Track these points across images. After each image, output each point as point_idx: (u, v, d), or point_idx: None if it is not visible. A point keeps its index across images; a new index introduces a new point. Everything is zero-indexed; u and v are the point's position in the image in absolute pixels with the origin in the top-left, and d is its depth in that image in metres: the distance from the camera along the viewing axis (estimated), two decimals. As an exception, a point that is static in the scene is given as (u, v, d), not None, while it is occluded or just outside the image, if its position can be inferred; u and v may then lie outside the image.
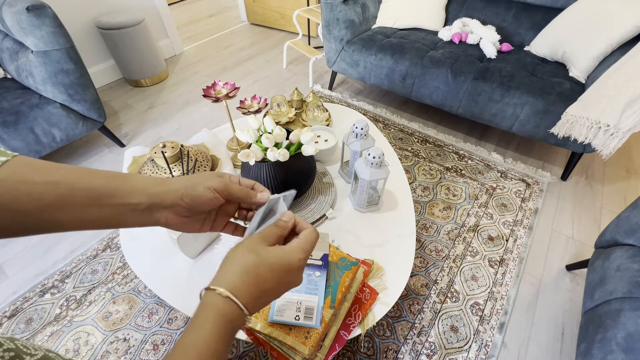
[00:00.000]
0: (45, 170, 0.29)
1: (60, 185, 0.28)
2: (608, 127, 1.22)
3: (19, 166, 0.28)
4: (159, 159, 0.82)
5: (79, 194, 0.29)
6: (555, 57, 1.58)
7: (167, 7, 2.43)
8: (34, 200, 0.27)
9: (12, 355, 0.24)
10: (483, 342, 1.03)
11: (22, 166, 0.28)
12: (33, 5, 1.22)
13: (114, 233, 1.31)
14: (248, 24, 3.18)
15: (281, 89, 2.23)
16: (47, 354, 0.28)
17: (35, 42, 1.28)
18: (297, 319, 0.60)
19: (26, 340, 0.28)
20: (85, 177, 0.30)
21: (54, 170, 0.29)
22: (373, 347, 1.01)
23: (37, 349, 0.27)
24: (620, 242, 0.92)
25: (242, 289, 0.29)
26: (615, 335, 0.72)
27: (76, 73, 1.40)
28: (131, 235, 0.82)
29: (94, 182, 0.30)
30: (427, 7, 1.86)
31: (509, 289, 1.16)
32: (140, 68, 2.15)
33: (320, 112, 1.12)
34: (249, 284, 0.30)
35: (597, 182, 1.57)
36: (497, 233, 1.33)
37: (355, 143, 0.87)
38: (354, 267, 0.69)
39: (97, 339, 1.03)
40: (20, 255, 1.25)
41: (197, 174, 0.37)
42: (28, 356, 0.26)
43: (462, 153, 1.70)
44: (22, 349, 0.26)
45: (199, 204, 0.34)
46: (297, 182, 0.80)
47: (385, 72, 1.75)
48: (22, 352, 0.26)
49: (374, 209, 0.89)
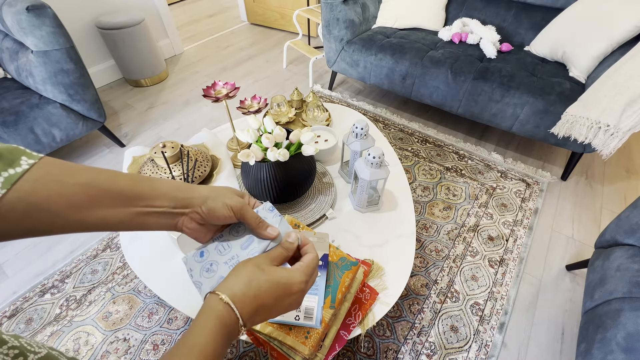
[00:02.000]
0: (75, 172, 0.29)
1: (90, 187, 0.29)
2: (608, 127, 1.22)
3: (50, 167, 0.28)
4: (159, 159, 0.82)
5: (108, 195, 0.30)
6: (555, 57, 1.58)
7: (167, 7, 2.43)
8: (65, 200, 0.28)
9: (17, 353, 0.25)
10: (483, 342, 1.03)
11: (53, 167, 0.28)
12: (33, 5, 1.22)
13: (114, 233, 1.31)
14: (248, 24, 3.18)
15: (281, 89, 2.23)
16: (50, 352, 0.28)
17: (35, 42, 1.28)
18: (297, 319, 0.60)
19: (30, 338, 0.28)
20: (114, 179, 0.31)
21: (83, 171, 0.30)
22: (373, 347, 1.01)
23: (40, 347, 0.28)
24: (620, 242, 0.92)
25: (241, 299, 0.31)
26: (615, 335, 0.72)
27: (76, 73, 1.40)
28: (131, 235, 0.82)
29: (122, 184, 0.31)
30: (427, 7, 1.86)
31: (509, 289, 1.16)
32: (140, 68, 2.15)
33: (320, 112, 1.12)
34: (249, 296, 0.31)
35: (597, 182, 1.57)
36: (497, 233, 1.33)
37: (355, 143, 0.87)
38: (354, 267, 0.69)
39: (97, 339, 1.03)
40: (20, 255, 1.25)
41: (222, 187, 0.38)
42: (32, 354, 0.26)
43: (462, 153, 1.70)
44: (26, 346, 0.26)
45: (214, 217, 0.36)
46: (297, 182, 0.80)
47: (385, 72, 1.75)
48: (26, 350, 0.26)
49: (374, 209, 0.89)
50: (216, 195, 0.36)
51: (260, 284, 0.32)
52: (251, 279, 0.32)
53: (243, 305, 0.30)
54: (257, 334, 0.61)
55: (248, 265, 0.33)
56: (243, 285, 0.31)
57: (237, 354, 0.99)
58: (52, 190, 0.27)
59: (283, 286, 0.33)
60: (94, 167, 0.31)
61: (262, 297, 0.32)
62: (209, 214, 0.35)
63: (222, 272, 0.36)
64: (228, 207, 0.35)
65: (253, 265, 0.33)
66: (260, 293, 0.32)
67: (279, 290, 0.33)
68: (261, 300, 0.32)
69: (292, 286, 0.33)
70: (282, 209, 0.86)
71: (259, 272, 0.33)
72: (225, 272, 0.36)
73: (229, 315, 0.30)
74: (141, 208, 0.32)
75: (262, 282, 0.32)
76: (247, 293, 0.31)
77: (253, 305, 0.31)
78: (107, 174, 0.31)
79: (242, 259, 0.36)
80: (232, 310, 0.30)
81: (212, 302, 0.30)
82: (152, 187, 0.33)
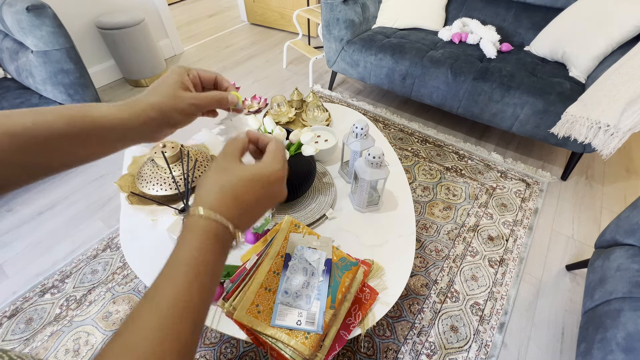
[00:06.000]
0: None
1: (25, 135, 0.27)
2: (608, 127, 1.22)
3: None
4: (159, 159, 0.82)
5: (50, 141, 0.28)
6: (555, 57, 1.58)
7: (167, 7, 2.43)
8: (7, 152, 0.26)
9: None
10: (483, 342, 1.03)
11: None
12: (33, 5, 1.22)
13: (114, 233, 1.31)
14: (248, 24, 3.18)
15: (281, 89, 2.23)
16: None
17: (35, 42, 1.28)
18: (299, 323, 0.60)
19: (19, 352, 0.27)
20: (42, 121, 0.28)
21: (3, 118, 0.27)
22: (373, 347, 1.01)
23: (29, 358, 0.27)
24: (620, 242, 0.92)
25: (220, 205, 0.29)
26: (615, 335, 0.72)
27: (76, 73, 1.41)
28: (131, 235, 0.82)
29: (55, 127, 0.29)
30: (427, 7, 1.86)
31: (509, 289, 1.16)
32: (140, 68, 2.15)
33: (320, 112, 1.12)
34: (227, 199, 0.30)
35: (597, 182, 1.57)
36: (497, 233, 1.33)
37: (355, 143, 0.87)
38: (354, 267, 0.69)
39: (97, 339, 1.03)
40: (20, 255, 1.25)
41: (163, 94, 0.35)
42: None
43: (462, 153, 1.70)
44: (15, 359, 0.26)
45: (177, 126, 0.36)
46: (297, 182, 0.80)
47: (385, 72, 1.75)
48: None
49: (374, 209, 0.89)
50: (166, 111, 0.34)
51: (233, 184, 0.30)
52: (222, 185, 0.30)
53: (224, 211, 0.29)
54: (257, 334, 0.61)
55: (210, 173, 0.32)
56: (215, 192, 0.30)
57: (237, 354, 0.99)
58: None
59: (259, 179, 0.32)
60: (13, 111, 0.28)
61: (242, 197, 0.30)
62: (171, 128, 0.35)
63: None
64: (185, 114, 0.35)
65: (217, 170, 0.32)
66: (237, 193, 0.30)
67: (257, 186, 0.31)
68: (242, 200, 0.30)
69: (269, 177, 0.32)
70: (282, 208, 0.86)
71: (227, 174, 0.31)
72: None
73: (215, 226, 0.28)
74: (98, 144, 0.31)
75: (235, 183, 0.30)
76: (224, 199, 0.30)
77: (235, 207, 0.30)
78: (32, 116, 0.28)
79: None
80: (215, 221, 0.28)
81: (191, 220, 0.29)
82: (93, 123, 0.30)
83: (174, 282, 0.26)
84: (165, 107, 0.34)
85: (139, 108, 0.33)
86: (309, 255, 0.66)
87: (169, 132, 0.36)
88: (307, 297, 0.62)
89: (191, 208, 0.30)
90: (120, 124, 0.31)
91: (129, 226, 0.83)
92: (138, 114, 0.32)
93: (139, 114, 0.32)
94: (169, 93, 0.34)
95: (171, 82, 0.35)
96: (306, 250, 0.67)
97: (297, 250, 0.67)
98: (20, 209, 1.41)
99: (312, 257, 0.66)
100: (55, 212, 1.41)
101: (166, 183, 0.83)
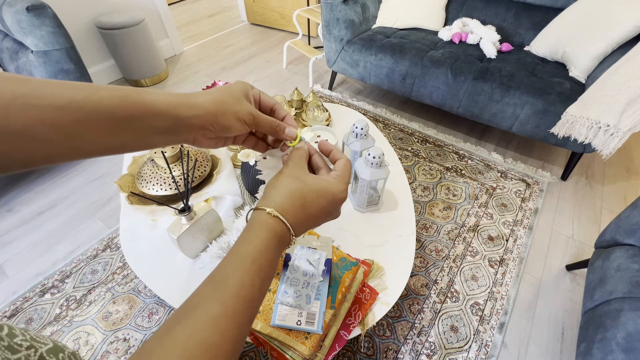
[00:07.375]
0: (45, 90, 0.23)
1: (71, 110, 0.24)
2: (608, 127, 1.22)
3: (13, 85, 0.22)
4: (159, 158, 0.82)
5: (96, 118, 0.25)
6: (555, 57, 1.58)
7: (167, 7, 2.43)
8: (50, 127, 0.23)
9: (28, 345, 0.27)
10: (483, 342, 1.03)
11: (16, 85, 0.22)
12: (33, 5, 1.22)
13: (114, 233, 1.31)
14: (248, 24, 3.18)
15: (281, 89, 2.23)
16: (56, 344, 0.30)
17: (35, 42, 1.28)
18: (299, 323, 0.60)
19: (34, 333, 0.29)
20: (95, 97, 0.25)
21: (55, 89, 0.23)
22: (373, 347, 1.01)
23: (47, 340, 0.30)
24: (620, 242, 0.92)
25: (289, 210, 0.31)
26: (615, 335, 0.72)
27: (76, 73, 1.41)
28: (131, 235, 0.82)
29: (107, 104, 0.25)
30: (427, 7, 1.86)
31: (509, 289, 1.16)
32: (140, 68, 2.15)
33: (320, 112, 1.12)
34: (295, 206, 0.31)
35: (597, 182, 1.57)
36: (497, 233, 1.33)
37: (355, 143, 0.87)
38: (354, 267, 0.69)
39: (97, 339, 1.03)
40: (20, 255, 1.25)
41: (225, 94, 0.33)
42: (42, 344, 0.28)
43: (462, 153, 1.70)
44: (35, 338, 0.28)
45: (228, 131, 0.33)
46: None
47: (385, 72, 1.75)
48: (35, 342, 0.28)
49: (374, 209, 0.89)
50: (224, 110, 0.32)
51: (304, 194, 0.32)
52: (294, 191, 0.32)
53: (291, 216, 0.31)
54: (257, 334, 0.61)
55: (283, 178, 0.33)
56: (287, 197, 0.31)
57: (237, 354, 0.99)
58: (30, 117, 0.22)
59: (325, 194, 0.33)
60: (64, 82, 0.25)
61: (308, 207, 0.32)
62: (222, 131, 0.32)
63: None
64: (241, 121, 0.33)
65: (290, 178, 0.33)
66: (306, 203, 0.32)
67: (322, 200, 0.33)
68: (307, 210, 0.32)
69: (335, 195, 0.33)
70: (282, 209, 0.86)
71: (300, 183, 0.32)
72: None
73: (280, 228, 0.30)
74: (136, 131, 0.28)
75: (306, 192, 0.32)
76: (294, 204, 0.31)
77: (300, 215, 0.31)
78: (85, 91, 0.25)
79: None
80: (282, 222, 0.30)
81: (260, 217, 0.30)
82: (144, 106, 0.27)
83: (239, 274, 0.27)
84: (225, 104, 0.32)
85: (197, 100, 0.31)
86: (309, 255, 0.66)
87: (213, 136, 0.33)
88: (307, 297, 0.62)
89: (259, 203, 0.31)
90: (174, 110, 0.29)
91: (129, 226, 0.83)
92: (194, 105, 0.30)
93: (195, 105, 0.30)
94: (232, 95, 0.33)
95: (237, 89, 0.34)
96: (306, 250, 0.67)
97: (297, 250, 0.68)
98: (20, 209, 1.41)
99: (312, 257, 0.66)
100: (56, 212, 1.41)
101: (166, 183, 0.83)
